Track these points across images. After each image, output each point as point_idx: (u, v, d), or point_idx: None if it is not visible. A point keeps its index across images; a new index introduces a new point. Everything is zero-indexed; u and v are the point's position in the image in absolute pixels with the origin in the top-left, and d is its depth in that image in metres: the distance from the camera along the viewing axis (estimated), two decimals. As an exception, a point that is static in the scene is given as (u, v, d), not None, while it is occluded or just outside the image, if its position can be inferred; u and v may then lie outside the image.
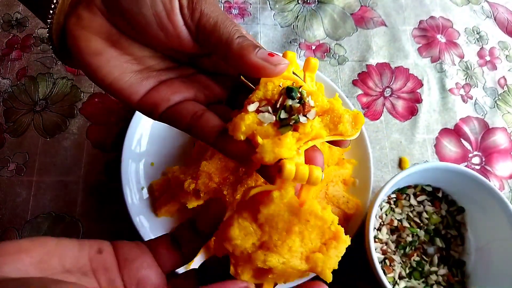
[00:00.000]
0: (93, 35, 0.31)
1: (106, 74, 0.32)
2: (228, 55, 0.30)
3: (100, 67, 0.32)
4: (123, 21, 0.31)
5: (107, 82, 0.32)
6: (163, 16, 0.30)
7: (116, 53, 0.32)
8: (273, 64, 0.29)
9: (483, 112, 0.66)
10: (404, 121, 0.65)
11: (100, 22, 0.31)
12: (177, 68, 0.35)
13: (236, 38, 0.29)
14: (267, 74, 0.29)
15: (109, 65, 0.32)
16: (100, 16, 0.31)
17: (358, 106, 0.65)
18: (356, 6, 0.73)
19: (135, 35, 0.32)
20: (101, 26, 0.31)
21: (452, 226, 0.54)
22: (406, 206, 0.55)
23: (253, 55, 0.29)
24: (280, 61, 0.29)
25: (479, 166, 0.63)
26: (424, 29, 0.72)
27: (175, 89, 0.33)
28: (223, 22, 0.30)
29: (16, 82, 0.64)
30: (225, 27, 0.30)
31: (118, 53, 0.32)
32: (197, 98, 0.34)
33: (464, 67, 0.70)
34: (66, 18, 0.31)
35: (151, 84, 0.33)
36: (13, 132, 0.61)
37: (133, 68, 0.33)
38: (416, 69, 0.68)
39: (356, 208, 0.53)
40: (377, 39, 0.70)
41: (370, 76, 0.67)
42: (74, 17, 0.31)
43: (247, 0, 0.72)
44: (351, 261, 0.54)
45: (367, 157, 0.56)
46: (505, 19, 0.75)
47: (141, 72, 0.33)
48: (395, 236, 0.53)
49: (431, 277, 0.51)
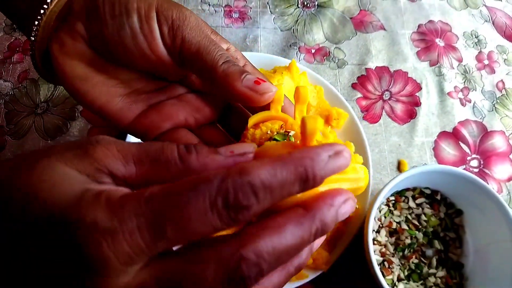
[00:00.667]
0: (77, 61, 0.31)
1: (94, 99, 0.31)
2: (213, 82, 0.29)
3: (86, 92, 0.31)
4: (107, 50, 0.30)
5: (95, 107, 0.32)
6: (145, 47, 0.29)
7: (102, 77, 0.31)
8: (259, 93, 0.28)
9: (482, 115, 0.67)
10: (403, 124, 0.65)
11: (84, 48, 0.30)
12: (166, 88, 0.34)
13: (220, 65, 0.29)
14: (253, 102, 0.29)
15: (95, 91, 0.31)
16: (83, 43, 0.30)
17: (357, 109, 0.65)
18: (356, 10, 0.74)
19: (120, 62, 0.31)
20: (85, 52, 0.30)
21: (450, 228, 0.55)
22: (405, 208, 0.55)
23: (238, 84, 0.28)
24: (267, 89, 0.28)
25: (477, 169, 0.63)
26: (423, 33, 0.73)
27: (165, 115, 0.32)
28: (206, 48, 0.29)
29: (17, 84, 0.64)
30: (207, 54, 0.29)
31: (104, 78, 0.32)
32: (187, 123, 0.33)
33: (462, 71, 0.70)
34: (49, 42, 0.30)
35: (139, 108, 0.32)
36: (14, 135, 0.61)
37: (121, 92, 0.32)
38: (415, 73, 0.69)
39: (355, 210, 0.54)
40: (376, 43, 0.71)
41: (369, 80, 0.68)
42: (57, 42, 0.30)
43: (248, 4, 0.73)
44: (350, 263, 0.54)
45: (366, 160, 0.56)
46: (503, 23, 0.75)
47: (129, 96, 0.32)
48: (393, 238, 0.53)
49: (430, 279, 0.51)
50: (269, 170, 0.18)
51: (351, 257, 0.53)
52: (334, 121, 0.57)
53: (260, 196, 0.18)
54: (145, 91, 0.33)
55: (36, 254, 0.18)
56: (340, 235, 0.53)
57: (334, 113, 0.57)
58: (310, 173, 0.19)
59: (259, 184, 0.18)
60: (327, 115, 0.58)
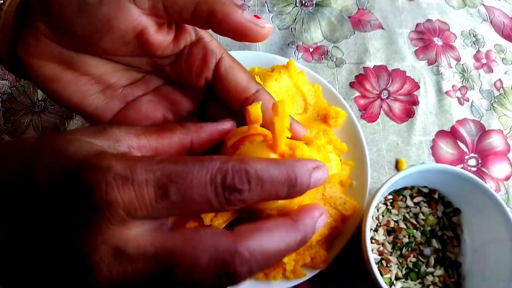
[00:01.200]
0: (45, 61, 0.29)
1: (68, 99, 0.30)
2: (210, 17, 0.26)
3: (59, 92, 0.30)
4: (73, 39, 0.28)
5: (71, 106, 0.31)
6: (112, 17, 0.26)
7: (72, 76, 0.30)
8: (260, 25, 0.26)
9: (480, 114, 0.67)
10: (401, 123, 0.65)
11: (50, 47, 0.28)
12: (141, 79, 0.33)
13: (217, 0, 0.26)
14: (253, 36, 0.27)
15: (68, 91, 0.30)
16: (47, 40, 0.28)
17: (355, 108, 0.65)
18: (354, 9, 0.74)
19: (90, 49, 0.29)
20: (52, 51, 0.29)
21: (448, 227, 0.55)
22: (403, 207, 0.55)
23: (238, 14, 0.26)
24: (266, 23, 0.27)
25: (475, 168, 0.63)
26: (421, 32, 0.73)
27: (143, 115, 0.31)
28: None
29: (15, 83, 0.64)
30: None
31: (74, 76, 0.30)
32: (166, 119, 0.32)
33: (460, 70, 0.70)
34: (14, 41, 0.29)
35: (116, 106, 0.31)
36: (12, 133, 0.61)
37: (95, 89, 0.31)
38: (413, 72, 0.69)
39: (353, 209, 0.54)
40: (374, 42, 0.71)
41: (367, 79, 0.68)
42: (21, 44, 0.29)
43: (245, 3, 0.73)
44: (347, 262, 0.54)
45: (364, 158, 0.56)
46: (501, 23, 0.75)
47: (104, 93, 0.31)
48: (391, 237, 0.53)
49: (427, 278, 0.52)
50: (264, 166, 0.21)
51: (349, 256, 0.53)
52: (332, 120, 0.57)
53: (253, 184, 0.20)
54: (120, 85, 0.32)
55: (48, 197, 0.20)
56: (338, 234, 0.53)
57: (332, 112, 0.57)
58: (299, 180, 0.22)
59: (253, 173, 0.20)
60: (325, 113, 0.58)
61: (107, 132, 0.23)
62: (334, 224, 0.52)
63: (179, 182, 0.19)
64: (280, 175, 0.21)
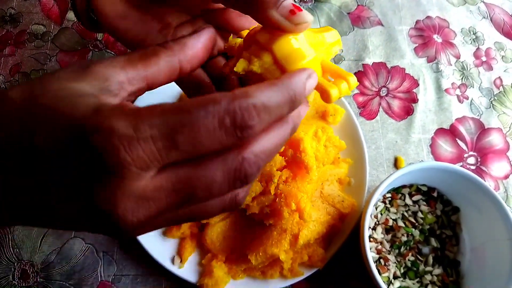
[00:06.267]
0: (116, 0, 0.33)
1: (135, 36, 0.33)
2: (248, 6, 0.28)
3: (127, 30, 0.33)
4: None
5: (136, 43, 0.34)
6: None
7: (138, 13, 0.33)
8: (294, 23, 0.27)
9: (479, 112, 0.66)
10: (400, 120, 0.65)
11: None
12: (191, 22, 0.36)
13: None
14: (285, 31, 0.28)
15: (136, 28, 0.33)
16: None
17: (354, 106, 0.64)
18: (353, 6, 0.73)
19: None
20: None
21: (447, 226, 0.54)
22: (401, 205, 0.54)
23: (273, 11, 0.27)
24: (302, 19, 0.27)
25: (474, 166, 0.63)
26: (420, 29, 0.72)
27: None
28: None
29: (9, 78, 0.63)
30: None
31: (141, 14, 0.34)
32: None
33: (460, 67, 0.70)
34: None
35: None
36: (6, 129, 0.60)
37: (155, 28, 0.34)
38: (412, 69, 0.68)
39: (351, 207, 0.53)
40: (374, 39, 0.70)
41: (366, 76, 0.67)
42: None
43: (244, -2, 0.72)
44: (345, 260, 0.54)
45: (363, 156, 0.56)
46: (501, 20, 0.75)
47: (161, 31, 0.34)
48: (390, 235, 0.53)
49: (426, 277, 0.51)
50: (266, 95, 0.21)
51: (347, 254, 0.53)
52: (330, 117, 0.56)
53: (262, 115, 0.21)
54: (174, 25, 0.35)
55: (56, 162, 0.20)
56: (336, 232, 0.53)
57: (330, 109, 0.57)
58: (298, 96, 0.23)
59: (261, 106, 0.21)
60: (323, 110, 0.57)
61: (91, 71, 0.23)
62: (332, 222, 0.52)
63: (185, 132, 0.20)
64: (282, 98, 0.22)
